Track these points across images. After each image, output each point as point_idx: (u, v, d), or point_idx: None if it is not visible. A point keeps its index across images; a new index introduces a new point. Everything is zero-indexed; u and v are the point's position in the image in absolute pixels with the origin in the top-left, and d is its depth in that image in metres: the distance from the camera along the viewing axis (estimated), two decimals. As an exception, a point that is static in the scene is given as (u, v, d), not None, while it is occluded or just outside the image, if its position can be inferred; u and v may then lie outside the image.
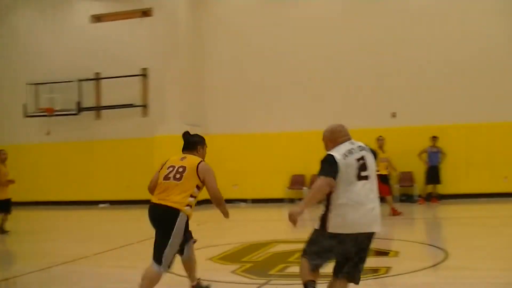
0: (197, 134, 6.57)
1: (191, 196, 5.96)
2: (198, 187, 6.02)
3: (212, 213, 7.58)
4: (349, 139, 5.49)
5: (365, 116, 17.07)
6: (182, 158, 6.18)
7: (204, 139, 6.52)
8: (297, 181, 17.75)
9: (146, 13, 19.31)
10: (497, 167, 16.52)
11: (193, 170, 6.01)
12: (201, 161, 6.16)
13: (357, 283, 5.38)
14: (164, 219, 5.91)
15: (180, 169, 6.03)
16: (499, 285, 6.89)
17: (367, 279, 6.64)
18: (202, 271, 6.84)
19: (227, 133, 18.36)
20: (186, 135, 6.50)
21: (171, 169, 6.08)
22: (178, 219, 5.87)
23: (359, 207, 5.22)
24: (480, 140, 16.78)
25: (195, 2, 18.68)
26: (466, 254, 8.86)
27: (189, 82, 18.23)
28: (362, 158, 5.34)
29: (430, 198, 16.30)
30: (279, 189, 17.86)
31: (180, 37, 18.19)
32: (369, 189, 5.29)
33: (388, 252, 8.97)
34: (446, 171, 16.62)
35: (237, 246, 9.80)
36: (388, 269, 7.62)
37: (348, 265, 5.31)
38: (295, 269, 7.24)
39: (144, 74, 19.11)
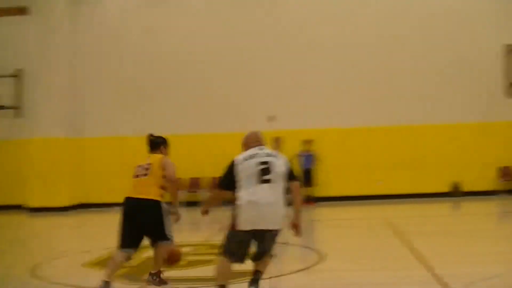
0: (160, 136, 7.38)
1: (161, 187, 6.90)
2: (164, 177, 6.91)
3: (91, 217, 7.32)
4: (259, 145, 6.16)
5: (242, 119, 16.89)
6: (148, 158, 7.15)
7: (165, 140, 7.34)
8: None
9: (22, 11, 18.29)
10: (372, 171, 17.21)
11: (158, 164, 6.97)
12: (163, 156, 7.14)
13: (266, 256, 6.17)
14: (144, 208, 6.79)
15: (147, 166, 6.99)
16: (372, 285, 7.08)
17: (240, 283, 6.60)
18: (76, 278, 6.55)
19: (104, 135, 17.89)
20: (150, 137, 7.32)
21: (138, 168, 7.01)
22: (161, 205, 6.84)
23: (256, 207, 5.82)
24: (355, 144, 17.41)
25: (73, 2, 17.95)
26: (340, 255, 9.08)
27: (65, 84, 17.53)
28: (265, 163, 5.94)
29: (306, 200, 16.74)
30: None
31: (57, 38, 17.42)
32: (269, 191, 5.87)
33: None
34: (321, 174, 17.06)
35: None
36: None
37: (261, 252, 6.11)
38: (168, 274, 7.10)
39: (16, 75, 18.07)
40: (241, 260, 6.02)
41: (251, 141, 6.19)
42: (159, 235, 6.84)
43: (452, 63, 17.12)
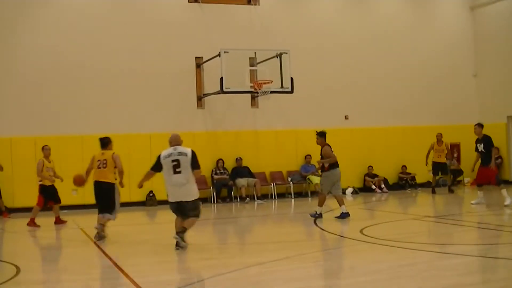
0: (107, 137, 11.28)
1: (114, 173, 10.91)
2: (115, 167, 10.93)
3: None
4: (174, 145, 9.47)
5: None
6: (102, 154, 11.01)
7: (110, 138, 11.28)
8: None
9: None
10: (65, 180, 16.74)
11: (110, 159, 10.88)
12: (113, 152, 11.05)
13: (189, 217, 9.52)
14: (104, 188, 10.89)
15: (104, 161, 10.87)
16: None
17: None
18: None
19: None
20: (101, 139, 11.21)
21: (98, 162, 10.89)
22: (115, 187, 11.02)
23: (173, 187, 9.41)
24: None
25: None
26: (39, 267, 8.67)
27: None
28: (176, 160, 9.31)
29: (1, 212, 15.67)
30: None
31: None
32: (180, 178, 9.32)
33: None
34: (16, 184, 16.40)
35: None
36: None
37: (186, 214, 9.48)
38: None
39: None
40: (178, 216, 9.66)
41: (170, 142, 9.54)
42: (108, 206, 10.87)
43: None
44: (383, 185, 19.77)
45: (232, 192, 18.13)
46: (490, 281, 7.10)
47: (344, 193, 19.17)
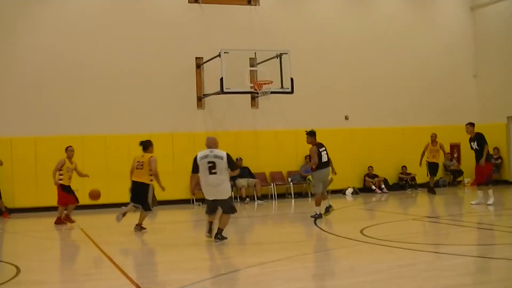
0: (148, 140, 12.16)
1: (150, 175, 11.74)
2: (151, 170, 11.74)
3: None
4: (209, 147, 10.08)
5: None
6: (142, 156, 11.95)
7: (151, 142, 12.16)
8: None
9: None
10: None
11: (147, 161, 11.73)
12: (151, 155, 11.85)
13: (227, 213, 10.25)
14: (139, 187, 11.85)
15: (142, 163, 11.81)
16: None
17: None
18: None
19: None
20: (141, 143, 12.09)
21: (137, 163, 11.84)
22: (149, 187, 11.92)
23: (208, 187, 10.05)
24: (49, 154, 16.82)
25: None
26: (39, 267, 8.68)
27: None
28: (212, 162, 9.93)
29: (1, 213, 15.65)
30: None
31: None
32: (216, 179, 9.95)
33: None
34: (16, 184, 16.40)
35: None
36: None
37: (221, 208, 10.23)
38: None
39: None
40: (211, 213, 10.38)
41: (206, 144, 10.20)
42: (143, 202, 11.80)
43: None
44: (383, 186, 19.77)
45: (232, 193, 18.09)
46: (490, 281, 7.10)
47: (344, 193, 19.22)
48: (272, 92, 16.56)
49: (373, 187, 19.67)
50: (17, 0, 17.16)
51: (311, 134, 13.12)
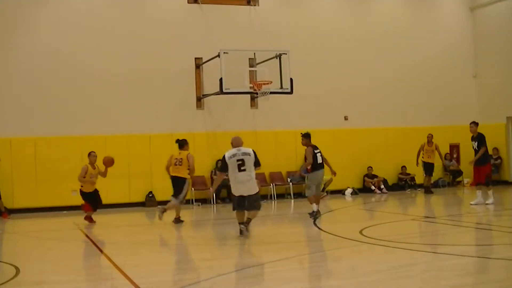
0: (184, 139, 13.29)
1: (188, 169, 12.92)
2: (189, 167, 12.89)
3: None
4: (237, 146, 10.58)
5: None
6: (179, 153, 13.06)
7: (186, 141, 13.28)
8: None
9: None
10: (65, 180, 16.80)
11: (185, 158, 12.87)
12: (188, 153, 13.00)
13: (252, 210, 10.71)
14: (178, 181, 12.93)
15: (180, 159, 12.93)
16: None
17: None
18: None
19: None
20: (178, 141, 13.23)
21: (175, 160, 12.94)
22: (186, 181, 12.98)
23: (238, 184, 10.51)
24: (50, 154, 16.86)
25: None
26: (39, 268, 8.67)
27: None
28: (241, 159, 10.41)
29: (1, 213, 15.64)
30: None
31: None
32: (245, 175, 10.42)
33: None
34: (16, 184, 16.42)
35: None
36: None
37: (246, 205, 10.61)
38: None
39: None
40: (240, 210, 10.76)
41: (233, 143, 10.65)
42: (178, 193, 12.93)
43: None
44: (382, 186, 19.78)
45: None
46: (490, 281, 7.10)
47: (343, 193, 19.22)
48: (271, 93, 16.55)
49: (373, 187, 19.67)
50: (16, 0, 17.16)
51: (307, 136, 13.21)
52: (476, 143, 14.66)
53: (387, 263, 8.06)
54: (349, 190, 19.38)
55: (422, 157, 18.70)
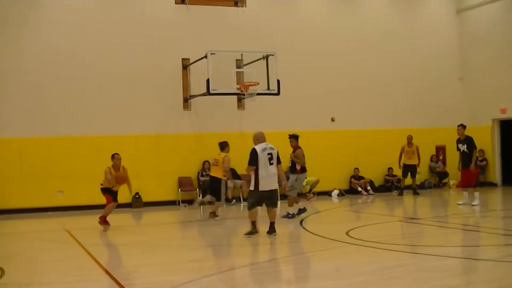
0: (225, 141, 14.08)
1: (224, 170, 13.64)
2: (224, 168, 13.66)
3: None
4: (263, 140, 10.78)
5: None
6: (218, 154, 13.89)
7: (227, 143, 14.05)
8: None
9: None
10: (51, 181, 16.69)
11: (221, 160, 13.61)
12: (225, 155, 13.72)
13: (275, 206, 10.94)
14: (214, 181, 13.84)
15: (217, 160, 13.78)
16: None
17: None
18: None
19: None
20: (219, 144, 14.07)
21: (214, 160, 13.99)
22: (222, 181, 13.58)
23: (269, 177, 10.51)
24: (36, 155, 16.73)
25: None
26: (25, 269, 8.59)
27: None
28: (270, 153, 10.59)
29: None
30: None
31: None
32: (274, 169, 10.60)
33: None
34: (1, 185, 16.31)
35: None
36: None
37: (270, 201, 10.75)
38: None
39: None
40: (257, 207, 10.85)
41: (261, 138, 10.86)
42: (216, 193, 13.83)
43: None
44: (369, 187, 19.83)
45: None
46: (478, 282, 7.13)
47: (330, 195, 19.25)
48: (258, 94, 16.55)
49: (359, 188, 19.72)
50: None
51: (296, 137, 13.30)
52: (465, 146, 14.76)
53: (374, 264, 8.07)
54: (335, 192, 19.41)
55: (403, 159, 18.83)
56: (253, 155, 10.51)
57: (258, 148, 10.55)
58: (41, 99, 17.01)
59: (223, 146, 14.04)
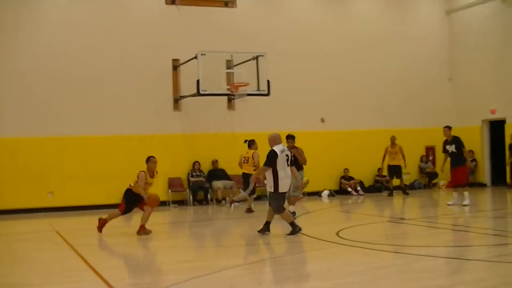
0: (252, 139, 15.27)
1: (253, 166, 14.66)
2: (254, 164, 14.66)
3: None
4: (281, 142, 10.72)
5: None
6: (247, 152, 15.11)
7: (254, 140, 15.23)
8: None
9: None
10: (42, 182, 16.61)
11: (251, 157, 14.86)
12: (254, 151, 14.93)
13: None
14: (246, 177, 14.79)
15: (247, 158, 15.04)
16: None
17: None
18: None
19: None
20: (247, 141, 15.26)
21: (244, 158, 15.11)
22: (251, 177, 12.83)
23: (287, 179, 10.62)
24: (26, 155, 16.63)
25: None
26: (16, 270, 8.54)
27: None
28: (287, 155, 10.65)
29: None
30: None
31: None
32: (289, 170, 10.72)
33: None
34: None
35: None
36: None
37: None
38: None
39: None
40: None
41: (278, 140, 10.73)
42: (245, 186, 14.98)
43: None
44: (359, 188, 19.90)
45: (209, 195, 18.10)
46: (467, 282, 7.16)
47: (320, 195, 19.29)
48: (248, 94, 16.57)
49: (349, 189, 19.78)
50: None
51: (294, 138, 13.33)
52: (454, 146, 14.86)
53: (364, 265, 8.09)
54: (325, 192, 19.45)
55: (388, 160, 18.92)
56: (272, 156, 10.46)
57: (277, 149, 10.55)
58: (31, 100, 16.95)
59: (251, 143, 15.11)
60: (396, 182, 19.18)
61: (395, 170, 18.84)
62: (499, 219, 13.33)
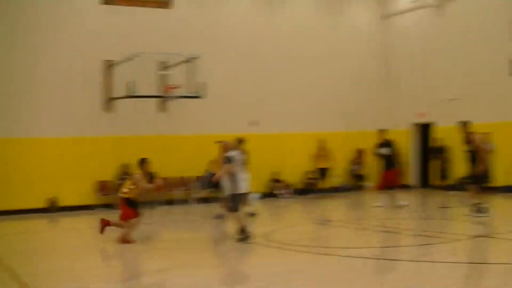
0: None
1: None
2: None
3: None
4: (234, 149, 11.39)
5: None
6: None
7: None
8: None
9: None
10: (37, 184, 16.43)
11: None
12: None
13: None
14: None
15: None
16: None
17: None
18: None
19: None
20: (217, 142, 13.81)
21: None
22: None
23: (244, 181, 11.16)
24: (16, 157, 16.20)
25: None
26: None
27: None
28: (241, 159, 11.16)
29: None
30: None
31: None
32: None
33: None
34: None
35: None
36: None
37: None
38: None
39: None
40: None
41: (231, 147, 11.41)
42: None
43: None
44: (289, 190, 20.09)
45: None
46: (395, 281, 7.35)
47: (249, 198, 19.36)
48: (181, 97, 16.45)
49: (279, 192, 19.94)
50: None
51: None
52: (386, 149, 15.27)
53: (288, 266, 8.19)
54: (255, 195, 19.51)
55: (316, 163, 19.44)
56: (228, 157, 11.10)
57: (233, 153, 11.26)
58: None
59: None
60: (324, 184, 19.52)
61: (323, 172, 19.27)
62: (425, 220, 13.82)
